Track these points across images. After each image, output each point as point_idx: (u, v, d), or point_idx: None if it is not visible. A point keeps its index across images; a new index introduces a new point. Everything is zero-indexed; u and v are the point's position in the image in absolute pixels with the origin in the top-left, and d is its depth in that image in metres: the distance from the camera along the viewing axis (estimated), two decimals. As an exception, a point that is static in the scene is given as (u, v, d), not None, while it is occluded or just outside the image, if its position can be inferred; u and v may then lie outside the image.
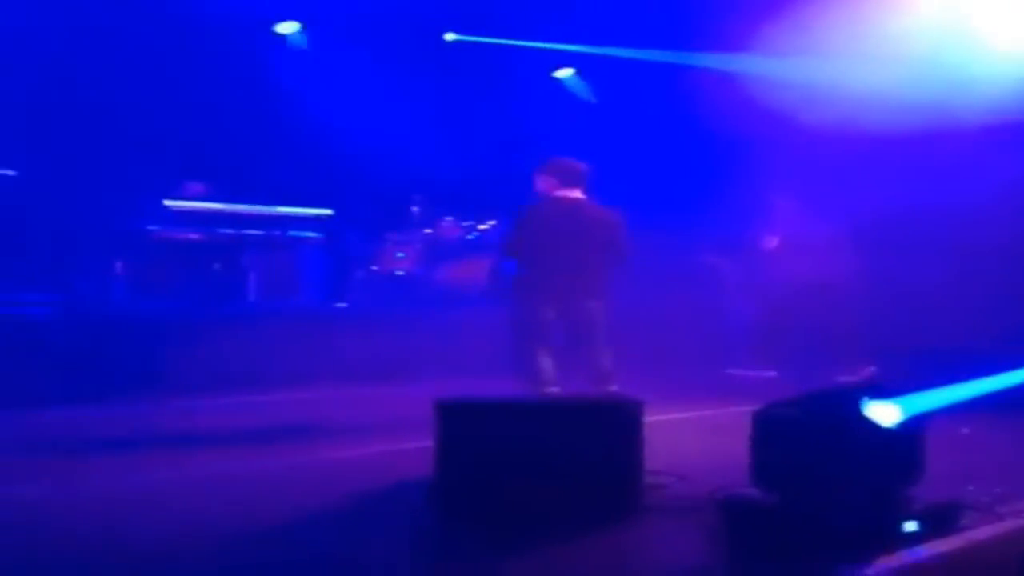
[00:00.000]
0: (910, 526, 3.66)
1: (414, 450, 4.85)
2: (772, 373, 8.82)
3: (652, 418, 4.50)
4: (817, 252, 8.79)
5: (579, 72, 12.80)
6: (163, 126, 10.30)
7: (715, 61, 10.37)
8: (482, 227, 11.23)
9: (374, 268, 11.05)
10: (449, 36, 12.14)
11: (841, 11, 8.51)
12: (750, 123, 9.18)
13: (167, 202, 9.75)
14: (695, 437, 6.18)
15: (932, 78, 8.08)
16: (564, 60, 12.45)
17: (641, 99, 11.44)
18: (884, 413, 3.73)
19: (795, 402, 3.74)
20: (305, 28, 11.93)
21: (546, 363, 6.55)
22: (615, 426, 4.24)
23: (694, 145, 10.36)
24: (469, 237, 11.22)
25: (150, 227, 9.68)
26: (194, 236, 9.85)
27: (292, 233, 10.36)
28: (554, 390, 6.46)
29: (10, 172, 9.35)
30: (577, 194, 6.79)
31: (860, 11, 8.52)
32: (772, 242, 9.35)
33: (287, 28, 11.92)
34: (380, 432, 6.46)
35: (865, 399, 3.68)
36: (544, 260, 6.68)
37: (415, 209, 11.13)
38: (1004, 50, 8.18)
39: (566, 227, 6.66)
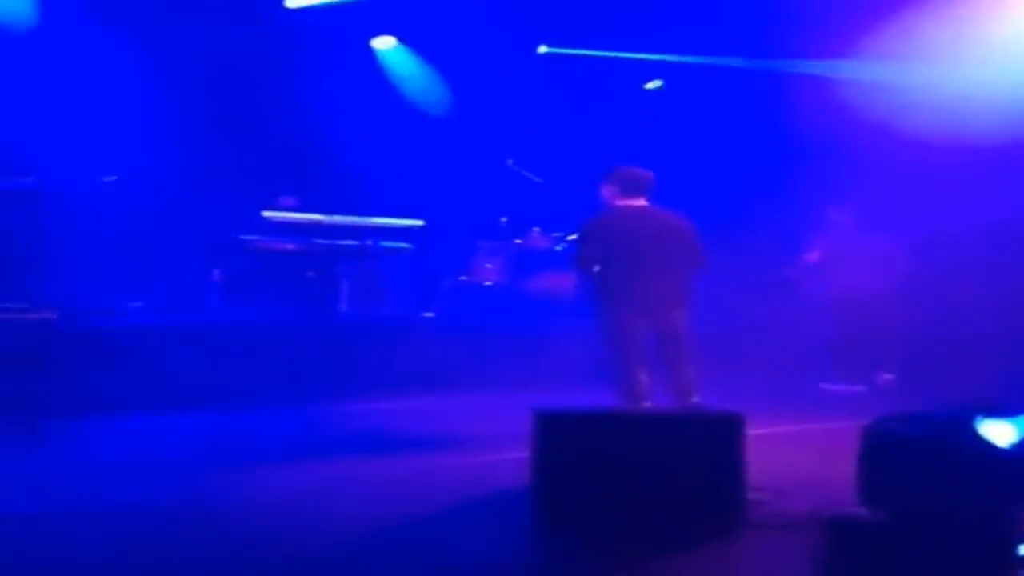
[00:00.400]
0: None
1: (511, 460, 4.85)
2: (861, 387, 8.80)
3: (750, 432, 4.43)
4: (863, 266, 8.93)
5: (665, 83, 12.72)
6: (264, 137, 10.52)
7: (809, 67, 10.20)
8: (571, 238, 11.19)
9: (463, 278, 11.10)
10: (542, 49, 12.16)
11: (941, 15, 8.32)
12: (841, 131, 9.03)
13: (265, 213, 9.93)
14: (793, 452, 6.07)
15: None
16: (654, 70, 12.37)
17: (731, 108, 11.31)
18: (1000, 433, 3.61)
19: (907, 418, 3.64)
20: (401, 42, 12.09)
21: (641, 376, 6.45)
22: (717, 440, 4.18)
23: (783, 155, 10.20)
24: (558, 248, 11.20)
25: (247, 237, 9.88)
26: (289, 246, 10.02)
27: (384, 243, 10.48)
28: (648, 404, 6.37)
29: (112, 177, 9.61)
30: (641, 202, 6.66)
31: (960, 15, 8.31)
32: (813, 256, 9.49)
33: (383, 43, 12.10)
34: (479, 442, 6.44)
35: (980, 418, 3.56)
36: (621, 270, 6.54)
37: (504, 220, 11.16)
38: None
39: (638, 235, 6.53)
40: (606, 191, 6.76)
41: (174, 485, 5.18)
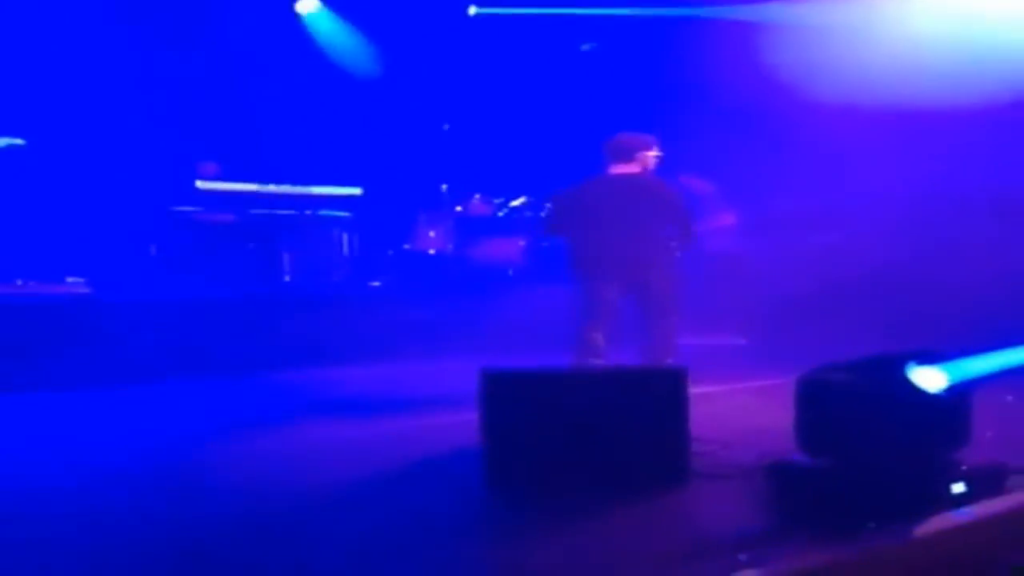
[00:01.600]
0: (957, 488, 3.68)
1: (461, 421, 4.91)
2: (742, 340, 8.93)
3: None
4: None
5: (599, 42, 12.71)
6: (194, 108, 10.38)
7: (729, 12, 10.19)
8: (514, 203, 11.25)
9: (407, 247, 11.11)
10: (472, 10, 12.09)
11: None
12: (751, 87, 9.11)
13: (199, 183, 9.83)
14: (733, 407, 6.20)
15: (945, 54, 8.01)
16: (592, 28, 12.32)
17: (662, 63, 11.29)
18: (930, 379, 3.75)
19: (841, 367, 3.77)
20: (326, 5, 11.93)
21: (596, 336, 6.56)
22: (660, 394, 4.27)
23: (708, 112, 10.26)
24: (500, 214, 11.25)
25: (183, 208, 9.78)
26: (227, 217, 9.94)
27: (324, 212, 10.44)
28: (598, 362, 6.50)
29: (18, 141, 9.38)
30: (626, 168, 6.80)
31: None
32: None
33: (306, 6, 11.92)
34: (428, 405, 6.51)
35: (911, 364, 3.70)
36: (595, 236, 6.69)
37: (444, 187, 11.17)
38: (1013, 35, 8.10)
39: (608, 200, 6.68)
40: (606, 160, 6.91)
41: (121, 456, 5.16)
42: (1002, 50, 7.94)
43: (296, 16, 11.91)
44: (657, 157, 6.96)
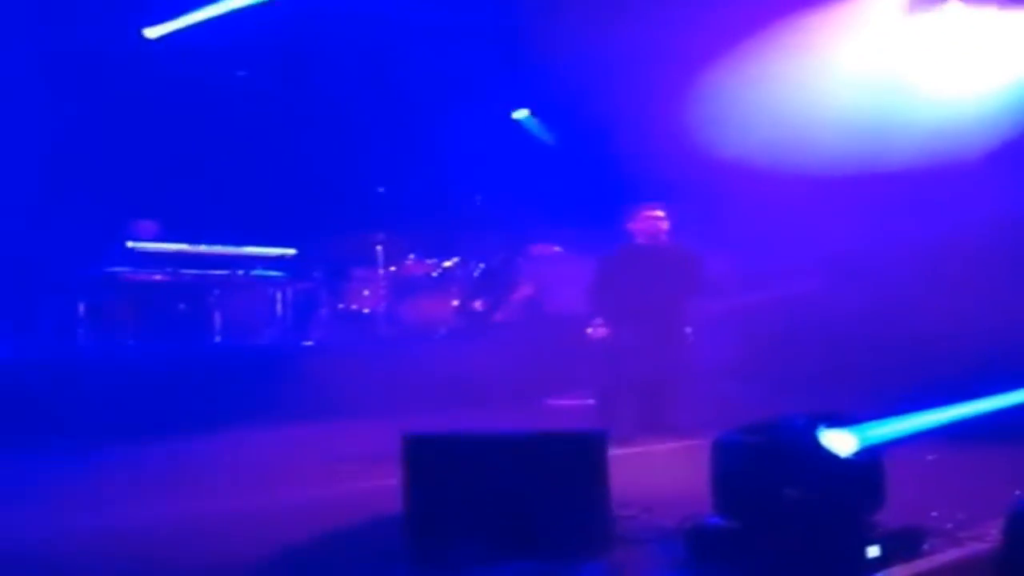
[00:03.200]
0: (873, 551, 3.71)
1: (386, 487, 4.86)
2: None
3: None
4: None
5: (534, 113, 12.96)
6: (123, 166, 10.30)
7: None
8: (446, 264, 11.28)
9: (340, 306, 11.06)
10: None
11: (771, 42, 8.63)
12: None
13: (130, 243, 9.73)
14: (654, 470, 6.21)
15: (861, 122, 8.24)
16: (522, 93, 12.51)
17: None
18: (840, 441, 3.79)
19: (752, 429, 3.81)
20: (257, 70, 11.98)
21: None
22: (581, 458, 4.27)
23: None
24: (433, 274, 11.27)
25: (113, 268, 9.65)
26: (158, 277, 9.83)
27: (257, 272, 10.37)
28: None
29: None
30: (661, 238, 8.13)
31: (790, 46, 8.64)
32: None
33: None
34: (351, 469, 6.44)
35: (822, 427, 3.74)
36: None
37: (379, 247, 11.17)
38: (934, 95, 8.36)
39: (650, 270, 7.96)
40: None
41: (37, 523, 5.02)
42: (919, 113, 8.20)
43: (236, 77, 11.93)
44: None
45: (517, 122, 13.14)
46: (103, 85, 10.43)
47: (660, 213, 8.28)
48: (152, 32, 10.74)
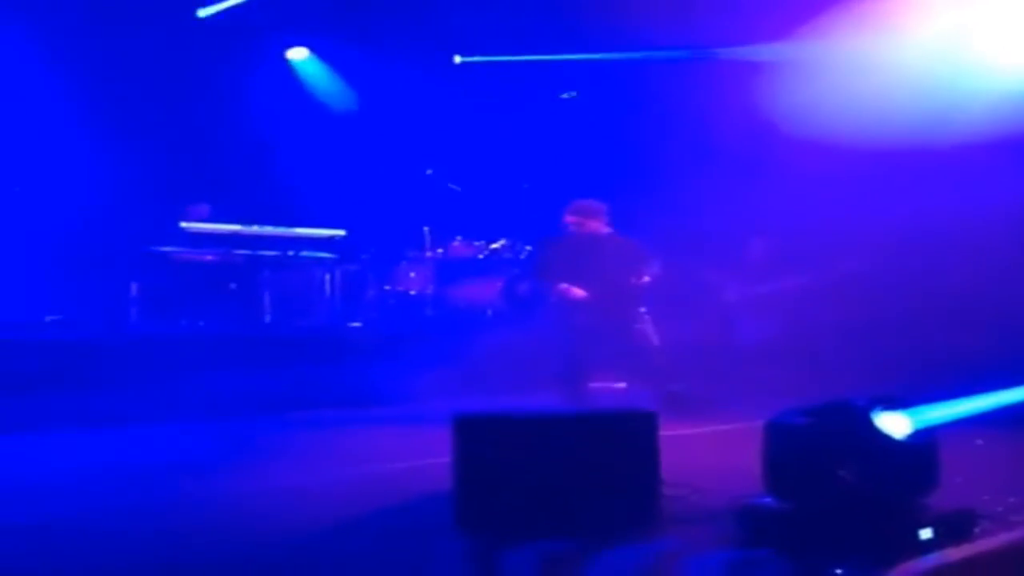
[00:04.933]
0: (925, 534, 3.70)
1: (434, 465, 4.91)
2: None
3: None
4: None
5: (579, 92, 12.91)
6: (179, 148, 10.43)
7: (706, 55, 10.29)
8: (494, 246, 11.31)
9: (387, 288, 11.14)
10: (457, 59, 12.24)
11: (841, 22, 8.54)
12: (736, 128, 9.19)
13: (183, 224, 9.85)
14: (704, 451, 6.21)
15: (929, 92, 8.13)
16: (571, 75, 12.49)
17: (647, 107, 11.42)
18: (895, 424, 3.77)
19: (806, 411, 3.80)
20: (314, 53, 12.10)
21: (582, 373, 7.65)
22: (632, 437, 4.29)
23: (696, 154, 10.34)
24: (480, 256, 11.30)
25: (166, 248, 9.79)
26: (209, 257, 9.96)
27: (306, 253, 10.46)
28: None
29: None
30: (601, 227, 8.33)
31: (860, 24, 8.54)
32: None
33: (297, 55, 12.09)
34: (400, 450, 6.49)
35: (876, 410, 3.73)
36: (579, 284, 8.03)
37: (426, 229, 11.22)
38: (1002, 66, 8.23)
39: (593, 256, 8.08)
40: (569, 219, 8.42)
41: (89, 500, 5.13)
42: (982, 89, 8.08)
43: (286, 62, 12.05)
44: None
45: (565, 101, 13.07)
46: (154, 64, 10.55)
47: (594, 209, 8.43)
48: (204, 11, 10.86)
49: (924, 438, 3.87)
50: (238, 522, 4.61)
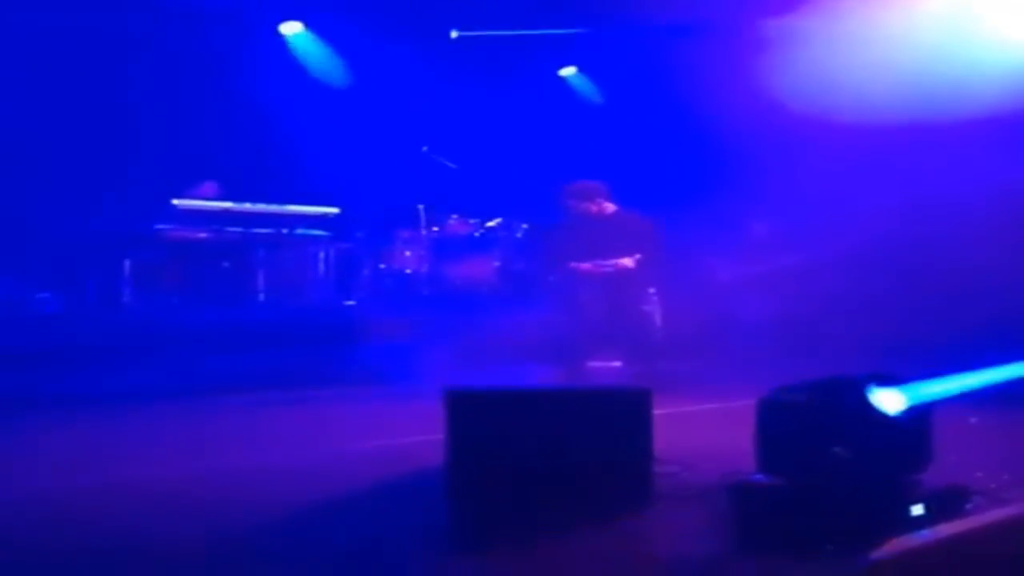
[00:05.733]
0: (917, 510, 3.69)
1: (428, 442, 4.90)
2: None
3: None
4: None
5: (582, 71, 12.86)
6: (171, 125, 10.37)
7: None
8: (489, 224, 11.27)
9: (382, 266, 11.10)
10: (454, 33, 12.15)
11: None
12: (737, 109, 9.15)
13: (175, 201, 9.81)
14: (696, 429, 6.20)
15: (936, 67, 8.08)
16: (569, 51, 12.41)
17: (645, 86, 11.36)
18: (889, 400, 3.76)
19: (800, 388, 3.78)
20: (308, 28, 12.01)
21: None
22: (623, 414, 4.28)
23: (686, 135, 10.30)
24: (476, 235, 11.27)
25: (158, 226, 9.74)
26: (202, 235, 9.91)
27: (300, 231, 10.43)
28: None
29: None
30: (604, 207, 8.39)
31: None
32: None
33: (290, 29, 11.99)
34: (394, 427, 6.49)
35: (870, 386, 3.71)
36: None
37: (421, 207, 11.17)
38: (1011, 40, 8.18)
39: (598, 237, 8.14)
40: (570, 202, 8.47)
41: (82, 476, 5.11)
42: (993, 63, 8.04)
43: (278, 36, 11.96)
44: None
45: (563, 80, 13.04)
46: (145, 40, 10.47)
47: (592, 189, 8.50)
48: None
49: (918, 415, 3.85)
50: (230, 501, 4.60)
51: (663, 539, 4.03)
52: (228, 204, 10.08)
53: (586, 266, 8.23)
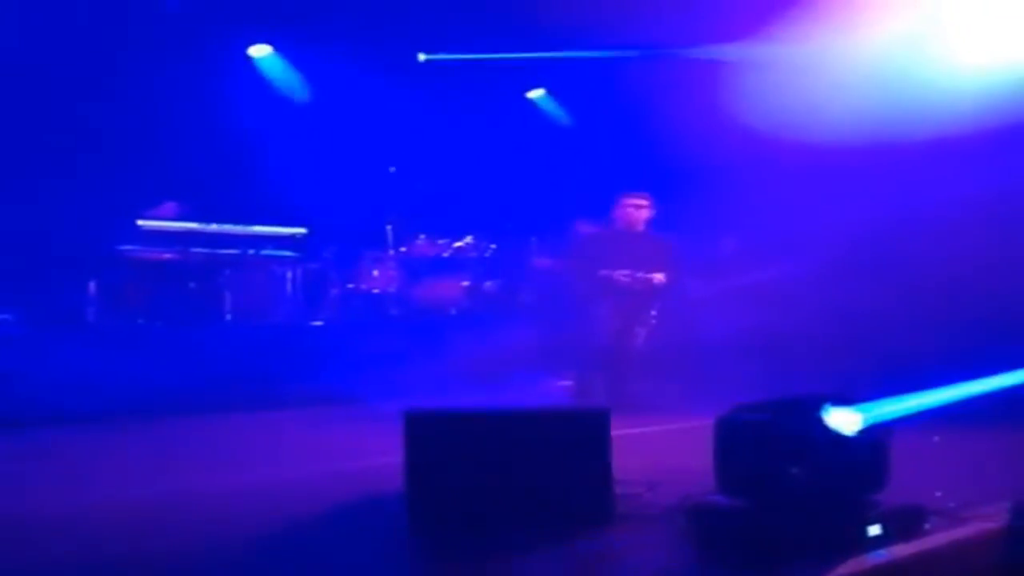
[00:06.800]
0: (874, 530, 3.70)
1: (390, 463, 4.86)
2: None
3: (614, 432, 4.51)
4: None
5: (550, 92, 12.94)
6: (137, 145, 10.32)
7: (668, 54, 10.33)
8: (458, 244, 11.27)
9: (350, 286, 11.07)
10: (422, 56, 12.19)
11: (801, 21, 8.59)
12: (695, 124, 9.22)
13: (140, 222, 9.75)
14: (658, 449, 6.20)
15: (889, 91, 8.20)
16: (537, 74, 12.50)
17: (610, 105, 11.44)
18: (846, 420, 3.77)
19: (757, 408, 3.79)
20: (276, 50, 12.02)
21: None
22: (582, 435, 4.26)
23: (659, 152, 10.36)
24: (444, 255, 11.27)
25: (123, 247, 9.67)
26: (168, 256, 9.85)
27: (267, 252, 10.38)
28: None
29: None
30: (639, 226, 8.66)
31: (819, 23, 8.58)
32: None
33: (259, 51, 12.00)
34: (357, 449, 6.46)
35: (827, 406, 3.72)
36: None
37: (389, 227, 11.16)
38: (969, 63, 8.30)
39: (635, 250, 8.43)
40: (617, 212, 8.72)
41: (43, 498, 5.05)
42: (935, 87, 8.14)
43: (248, 59, 11.96)
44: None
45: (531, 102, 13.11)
46: (111, 58, 10.42)
47: (643, 202, 8.73)
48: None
49: (875, 434, 3.87)
50: (196, 520, 4.55)
51: (622, 560, 4.01)
52: (194, 225, 10.03)
53: (622, 276, 8.44)
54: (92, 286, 9.56)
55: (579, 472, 4.24)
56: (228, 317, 10.06)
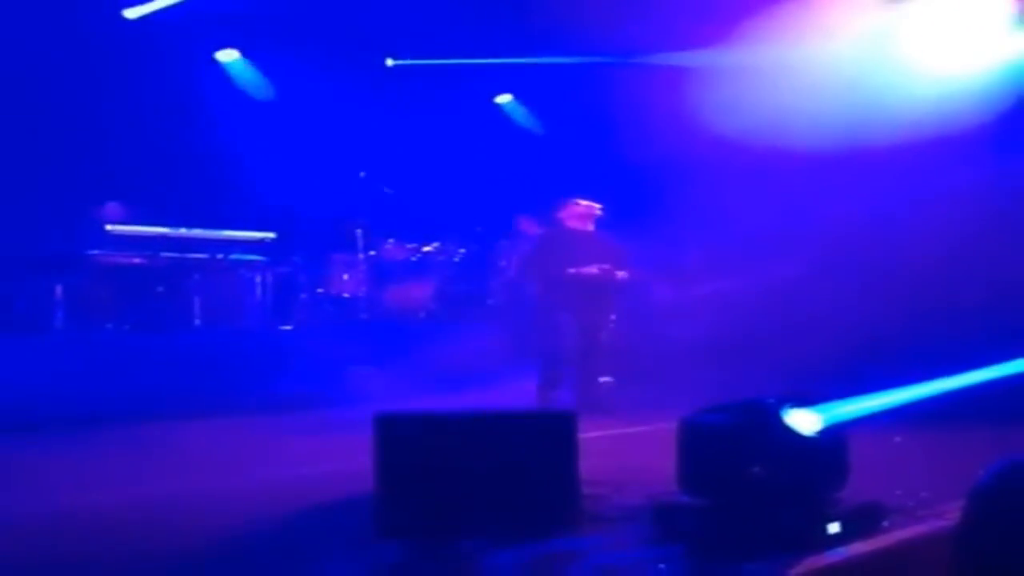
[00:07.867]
0: (833, 527, 3.78)
1: (359, 468, 4.90)
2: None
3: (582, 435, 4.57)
4: None
5: (517, 98, 13.02)
6: (105, 151, 10.28)
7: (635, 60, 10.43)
8: (426, 248, 11.31)
9: (320, 291, 11.07)
10: (390, 61, 12.22)
11: (768, 27, 8.70)
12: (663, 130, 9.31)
13: (108, 227, 9.71)
14: (625, 451, 6.27)
15: (851, 97, 8.33)
16: (506, 79, 12.56)
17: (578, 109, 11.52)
18: (805, 421, 3.85)
19: (718, 409, 3.87)
20: (244, 55, 12.00)
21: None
22: (550, 437, 4.32)
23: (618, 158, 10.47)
24: (413, 259, 11.30)
25: (91, 251, 9.62)
26: (137, 260, 9.81)
27: (236, 256, 10.36)
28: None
29: None
30: (589, 226, 8.71)
31: (785, 27, 8.69)
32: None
33: (227, 56, 11.98)
34: (325, 450, 6.48)
35: (786, 407, 3.81)
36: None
37: (358, 232, 11.16)
38: (924, 70, 8.44)
39: (584, 252, 8.47)
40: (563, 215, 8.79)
41: (10, 501, 5.04)
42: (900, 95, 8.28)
43: (216, 64, 11.94)
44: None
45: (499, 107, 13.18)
46: (80, 64, 10.37)
47: (593, 204, 8.84)
48: (132, 12, 10.69)
49: (834, 434, 3.95)
50: (161, 525, 4.56)
51: (590, 559, 4.07)
52: (163, 229, 10.00)
53: (592, 270, 8.52)
54: (59, 290, 9.50)
55: (548, 473, 4.30)
56: (197, 322, 10.03)
